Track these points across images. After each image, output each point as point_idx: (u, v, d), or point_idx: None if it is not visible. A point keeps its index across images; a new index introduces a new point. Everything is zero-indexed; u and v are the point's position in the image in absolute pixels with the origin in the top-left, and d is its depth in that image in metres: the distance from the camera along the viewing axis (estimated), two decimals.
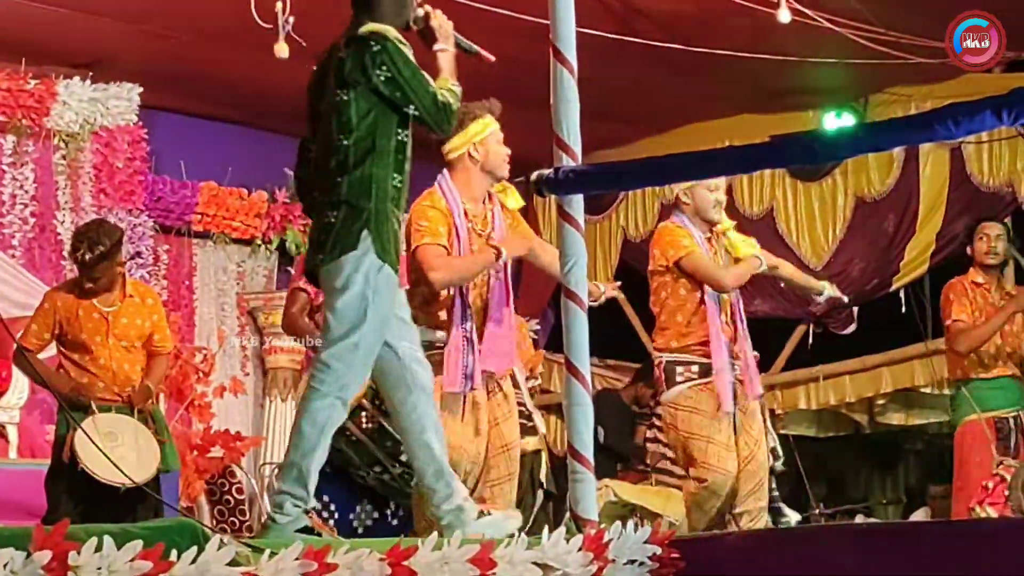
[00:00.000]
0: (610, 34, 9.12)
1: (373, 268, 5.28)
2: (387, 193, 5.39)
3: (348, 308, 5.28)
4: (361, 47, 5.53)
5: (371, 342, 5.31)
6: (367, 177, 5.37)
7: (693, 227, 7.27)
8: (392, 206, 5.40)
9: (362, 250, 5.29)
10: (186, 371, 10.12)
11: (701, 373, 7.16)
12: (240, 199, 11.19)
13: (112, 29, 9.42)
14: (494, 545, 4.49)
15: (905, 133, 5.33)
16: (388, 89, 5.51)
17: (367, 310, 5.26)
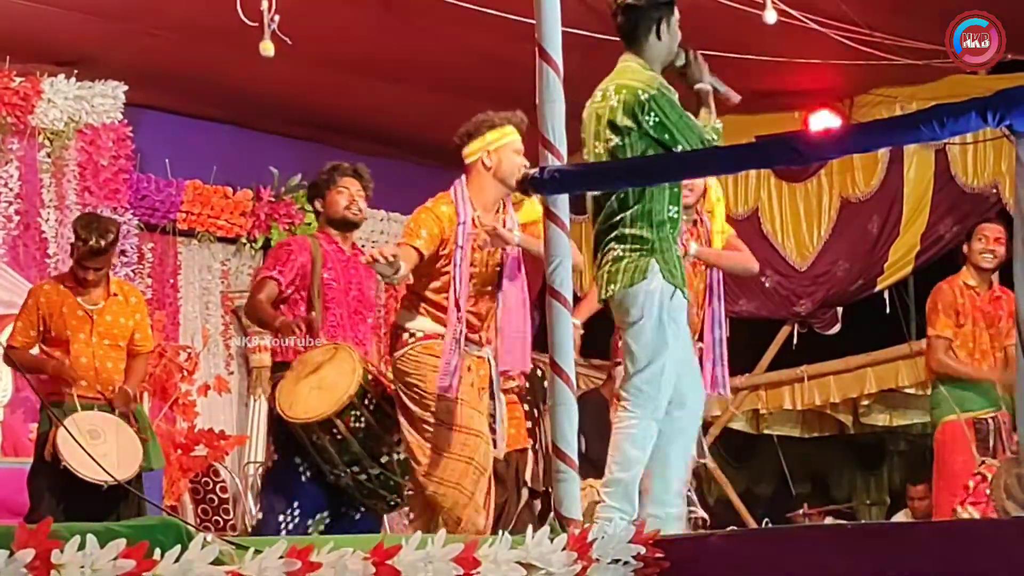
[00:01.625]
0: (596, 34, 9.11)
1: (666, 295, 5.58)
2: (665, 223, 5.66)
3: (651, 337, 5.57)
4: (631, 97, 5.71)
5: (672, 362, 5.61)
6: (647, 211, 5.64)
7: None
8: (671, 234, 5.69)
9: (652, 279, 5.57)
10: (170, 369, 10.11)
11: None
12: (225, 197, 11.17)
13: (97, 27, 9.40)
14: (477, 544, 4.49)
15: (890, 134, 5.34)
16: (658, 133, 5.69)
17: (667, 335, 5.57)
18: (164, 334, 10.46)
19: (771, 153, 5.81)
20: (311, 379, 6.75)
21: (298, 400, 6.71)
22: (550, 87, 5.48)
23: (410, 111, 10.97)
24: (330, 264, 7.14)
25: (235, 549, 3.98)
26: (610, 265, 5.72)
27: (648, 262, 5.61)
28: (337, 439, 6.64)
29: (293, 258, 7.07)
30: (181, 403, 10.17)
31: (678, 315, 5.62)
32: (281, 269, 7.05)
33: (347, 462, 6.70)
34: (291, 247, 7.21)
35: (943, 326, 8.31)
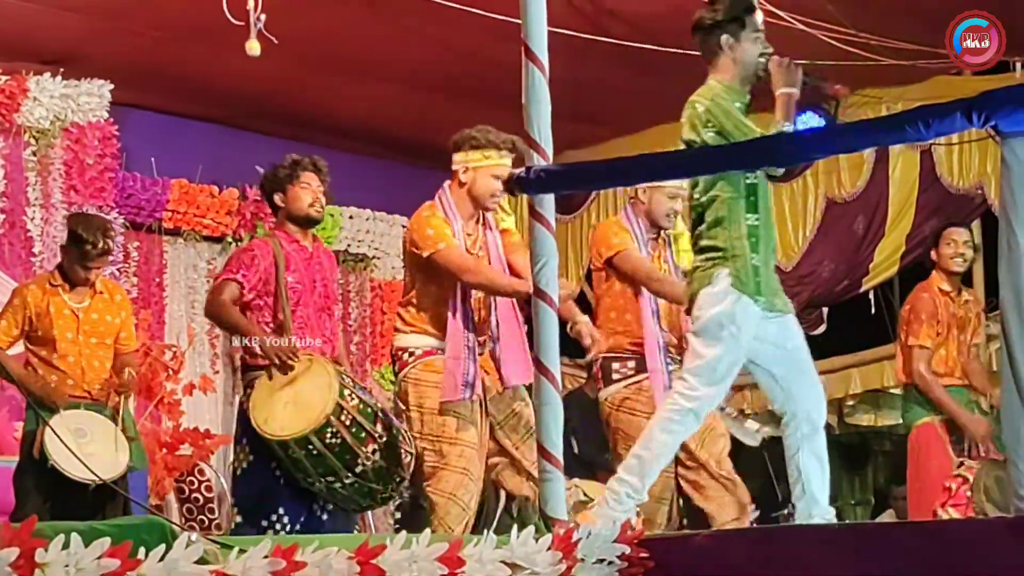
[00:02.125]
0: (581, 34, 9.12)
1: (731, 299, 5.66)
2: (741, 232, 5.77)
3: (707, 333, 5.67)
4: (691, 111, 5.88)
5: (728, 364, 5.70)
6: (719, 219, 5.77)
7: (636, 226, 7.28)
8: (749, 242, 5.77)
9: (719, 285, 5.67)
10: (156, 368, 10.09)
11: (637, 369, 7.15)
12: (211, 196, 11.16)
13: (83, 26, 9.39)
14: (462, 543, 4.50)
15: (876, 135, 5.36)
16: (716, 142, 5.84)
17: (724, 337, 5.65)
18: (149, 333, 10.45)
19: (756, 153, 5.81)
20: (286, 392, 6.72)
21: (273, 415, 6.68)
22: (536, 87, 5.49)
23: (396, 110, 10.97)
24: (293, 266, 7.03)
25: (220, 548, 3.98)
26: (692, 270, 5.91)
27: (716, 269, 5.71)
28: (312, 454, 6.62)
29: (256, 263, 6.95)
30: (166, 402, 10.16)
31: (742, 319, 5.68)
32: (245, 273, 6.93)
33: (321, 473, 6.69)
34: (254, 252, 7.05)
35: (925, 336, 8.30)
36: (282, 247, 7.03)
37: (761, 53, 5.95)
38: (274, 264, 6.95)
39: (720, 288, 5.66)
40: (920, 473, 8.35)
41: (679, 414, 5.67)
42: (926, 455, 8.27)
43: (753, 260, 5.74)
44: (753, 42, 5.94)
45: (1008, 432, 4.49)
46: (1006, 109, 4.42)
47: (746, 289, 5.68)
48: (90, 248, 7.51)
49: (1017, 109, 4.38)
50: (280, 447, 6.66)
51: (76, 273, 7.62)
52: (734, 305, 5.65)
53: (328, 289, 7.21)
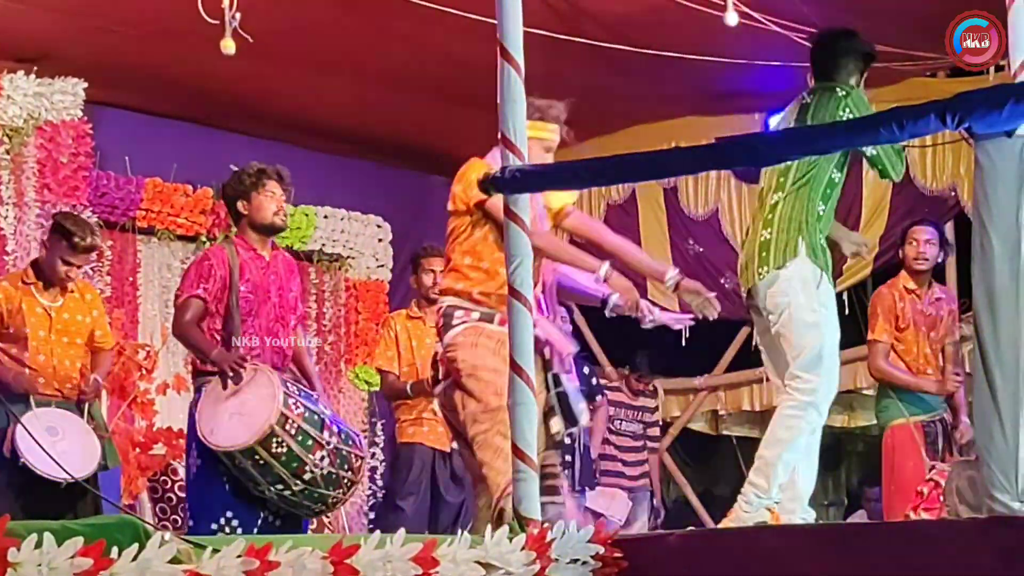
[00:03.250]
0: (557, 34, 9.13)
1: (814, 279, 5.77)
2: (814, 216, 5.88)
3: (803, 321, 5.76)
4: (826, 94, 6.06)
5: (830, 348, 5.78)
6: (802, 202, 5.91)
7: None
8: (818, 226, 5.89)
9: (800, 263, 5.79)
10: (129, 368, 10.07)
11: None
12: (185, 195, 11.12)
13: (57, 23, 9.36)
14: (436, 543, 4.50)
15: (850, 136, 5.37)
16: None
17: (820, 318, 5.75)
18: (123, 332, 10.42)
19: (731, 154, 5.82)
20: (231, 403, 6.73)
21: (219, 426, 6.69)
22: (511, 87, 5.49)
23: (372, 110, 10.96)
24: (247, 275, 7.04)
25: (193, 548, 3.97)
26: (758, 249, 5.98)
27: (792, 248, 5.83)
28: (259, 464, 6.63)
29: (214, 272, 6.94)
30: (140, 401, 10.13)
31: (826, 298, 5.77)
32: (205, 287, 6.94)
33: (271, 482, 6.70)
34: (210, 261, 7.06)
35: (881, 331, 8.44)
36: (238, 254, 7.03)
37: None
38: (228, 272, 6.95)
39: (799, 269, 5.74)
40: (894, 475, 8.39)
41: (799, 410, 5.75)
42: (901, 456, 8.32)
43: (822, 242, 5.86)
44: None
45: (981, 433, 4.50)
46: (980, 111, 4.44)
47: (822, 264, 5.78)
48: (78, 240, 7.54)
49: (991, 111, 4.40)
50: (227, 457, 6.67)
51: (56, 269, 7.61)
52: (816, 284, 5.73)
53: (284, 299, 7.17)
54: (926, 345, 8.46)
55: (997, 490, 4.41)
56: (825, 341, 5.74)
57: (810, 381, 5.72)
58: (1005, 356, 4.42)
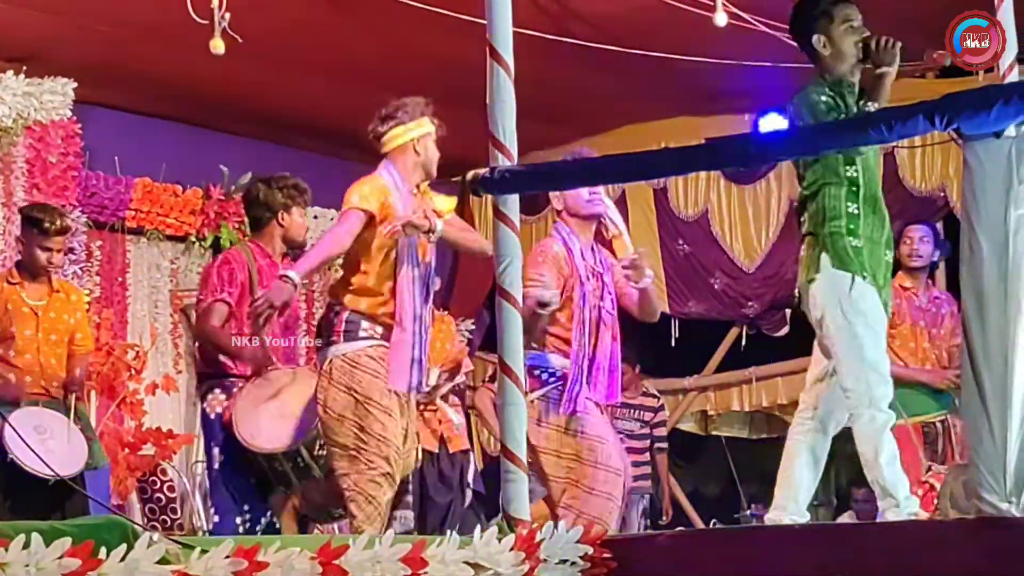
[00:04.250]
0: (547, 35, 9.13)
1: (844, 288, 5.65)
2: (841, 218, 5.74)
3: (839, 332, 5.65)
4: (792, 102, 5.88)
5: (873, 353, 5.66)
6: (821, 208, 5.76)
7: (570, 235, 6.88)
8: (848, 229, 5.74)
9: (826, 274, 5.68)
10: (118, 368, 10.06)
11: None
12: (174, 195, 11.11)
13: (47, 23, 9.35)
14: (425, 544, 4.50)
15: (839, 137, 5.37)
16: None
17: (855, 328, 5.62)
18: (112, 332, 10.41)
19: (721, 155, 5.83)
20: (271, 405, 6.74)
21: (260, 429, 6.70)
22: (501, 87, 5.49)
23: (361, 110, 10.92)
24: (264, 280, 7.07)
25: (181, 549, 3.97)
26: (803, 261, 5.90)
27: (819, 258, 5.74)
28: (299, 466, 6.66)
29: (235, 277, 7.01)
30: (129, 402, 10.12)
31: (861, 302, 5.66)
32: (229, 291, 6.99)
33: (302, 483, 6.72)
34: (231, 265, 7.12)
35: None
36: (256, 260, 7.08)
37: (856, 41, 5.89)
38: (249, 277, 7.01)
39: (829, 278, 5.68)
40: None
41: (863, 419, 5.72)
42: None
43: (852, 242, 5.71)
44: (845, 30, 5.90)
45: (970, 434, 4.51)
46: (968, 112, 4.44)
47: (851, 267, 5.66)
48: (48, 224, 7.54)
49: (979, 112, 4.41)
50: (266, 460, 6.68)
51: (36, 260, 7.61)
52: (850, 293, 5.64)
53: (294, 307, 7.25)
54: (925, 340, 8.47)
55: (986, 491, 4.42)
56: (865, 350, 5.67)
57: (859, 391, 5.68)
58: (993, 356, 4.42)
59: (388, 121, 6.54)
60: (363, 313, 6.31)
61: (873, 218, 5.83)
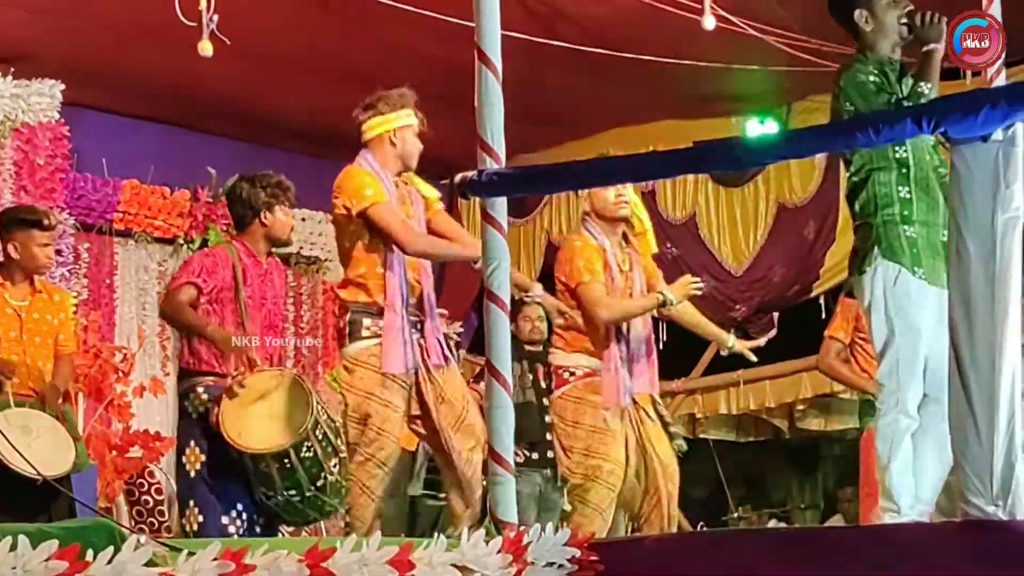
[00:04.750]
0: (535, 37, 9.13)
1: (889, 280, 5.57)
2: (894, 205, 5.64)
3: (879, 326, 5.59)
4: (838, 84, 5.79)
5: (908, 353, 5.56)
6: (872, 196, 5.67)
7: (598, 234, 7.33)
8: (901, 216, 5.63)
9: (875, 266, 5.59)
10: (106, 370, 10.04)
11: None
12: (162, 198, 11.11)
13: (35, 25, 9.34)
14: (413, 546, 4.49)
15: (827, 140, 5.38)
16: None
17: (893, 323, 5.56)
18: (100, 335, 10.40)
19: (709, 158, 5.82)
20: (260, 406, 6.73)
21: (248, 429, 6.69)
22: (489, 90, 5.48)
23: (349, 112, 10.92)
24: (248, 280, 7.09)
25: (169, 551, 3.96)
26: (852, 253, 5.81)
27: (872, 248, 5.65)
28: (285, 467, 6.65)
29: (217, 271, 6.99)
30: (116, 404, 10.11)
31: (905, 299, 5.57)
32: (205, 278, 6.97)
33: (286, 487, 6.71)
34: (215, 260, 7.10)
35: (837, 328, 8.46)
36: (240, 259, 7.07)
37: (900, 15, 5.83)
38: (233, 275, 7.00)
39: (877, 270, 5.60)
40: (869, 476, 8.39)
41: (886, 420, 5.63)
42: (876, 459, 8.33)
43: (907, 232, 5.62)
44: (887, 7, 5.84)
45: (955, 436, 4.52)
46: (955, 116, 4.45)
47: (901, 260, 5.59)
48: (47, 222, 7.59)
49: (966, 116, 4.41)
50: (251, 460, 6.67)
51: (36, 258, 7.61)
52: (895, 286, 5.57)
53: (277, 307, 7.27)
54: None
55: (972, 493, 4.42)
56: (900, 344, 5.61)
57: (890, 388, 5.63)
58: (980, 360, 4.43)
59: (368, 111, 6.76)
60: (363, 306, 6.62)
61: (927, 199, 5.71)
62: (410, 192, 6.72)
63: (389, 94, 6.72)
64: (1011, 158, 4.46)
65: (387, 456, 6.65)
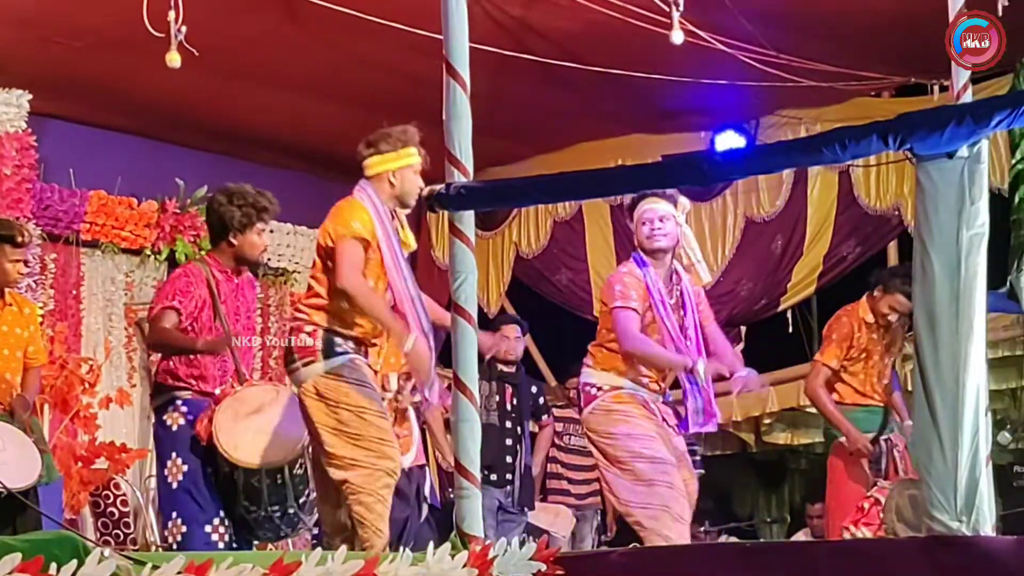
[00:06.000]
0: (504, 51, 9.14)
1: None
2: None
3: None
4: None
5: None
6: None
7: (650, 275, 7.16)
8: None
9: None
10: (72, 382, 10.01)
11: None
12: (130, 208, 11.08)
13: (2, 34, 9.31)
14: (378, 560, 4.48)
15: (794, 155, 5.40)
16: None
17: None
18: (66, 346, 10.36)
19: (677, 172, 5.83)
20: (253, 420, 6.75)
21: (242, 443, 6.70)
22: (457, 103, 5.48)
23: (317, 124, 10.95)
24: (223, 295, 7.14)
25: (133, 564, 3.95)
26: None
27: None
28: (276, 483, 6.66)
29: (192, 291, 7.03)
30: (82, 415, 10.07)
31: None
32: (181, 300, 7.00)
33: (272, 503, 6.72)
34: (189, 279, 7.12)
35: (831, 356, 8.42)
36: (213, 275, 7.09)
37: None
38: (209, 291, 7.02)
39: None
40: (836, 490, 8.43)
41: None
42: (844, 472, 8.36)
43: None
44: None
45: (920, 452, 4.53)
46: (921, 132, 4.47)
47: None
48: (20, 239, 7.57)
49: (932, 132, 4.43)
50: (244, 474, 6.68)
51: (8, 274, 7.57)
52: None
53: (250, 320, 7.32)
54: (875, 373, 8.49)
55: (936, 509, 4.44)
56: None
57: None
58: (945, 376, 4.45)
59: (368, 148, 6.65)
60: (338, 331, 6.49)
61: None
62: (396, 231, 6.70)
63: (391, 132, 6.61)
64: (976, 175, 4.49)
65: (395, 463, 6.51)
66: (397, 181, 6.59)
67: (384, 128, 6.67)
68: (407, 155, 6.59)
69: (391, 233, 6.51)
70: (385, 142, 6.61)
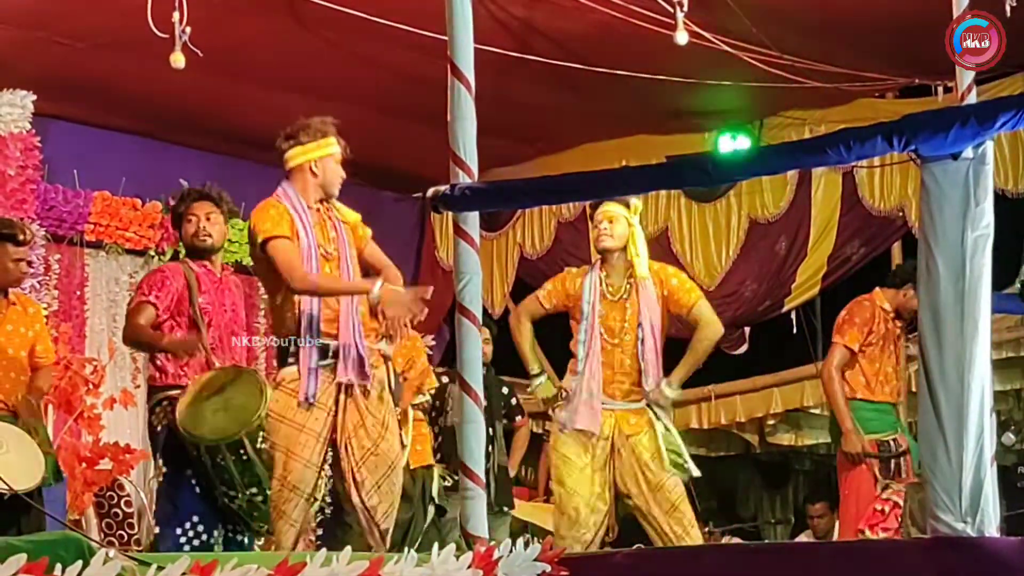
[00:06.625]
0: (508, 52, 9.14)
1: None
2: None
3: None
4: None
5: None
6: None
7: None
8: None
9: None
10: (75, 382, 10.00)
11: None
12: (134, 209, 11.09)
13: (6, 36, 9.31)
14: (383, 561, 4.48)
15: (798, 156, 5.39)
16: None
17: None
18: (70, 346, 10.36)
19: (681, 173, 5.83)
20: (214, 401, 6.75)
21: (203, 420, 6.70)
22: (462, 104, 5.48)
23: None
24: (204, 287, 7.24)
25: (137, 565, 3.94)
26: None
27: None
28: (243, 459, 6.64)
29: (168, 284, 7.14)
30: (86, 416, 10.07)
31: None
32: (157, 295, 7.11)
33: (247, 483, 6.70)
34: (165, 274, 7.28)
35: (853, 339, 8.41)
36: (192, 270, 7.16)
37: None
38: (186, 286, 7.09)
39: None
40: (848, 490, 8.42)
41: None
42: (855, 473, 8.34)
43: None
44: None
45: (925, 453, 4.53)
46: (926, 133, 4.46)
47: None
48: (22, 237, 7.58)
49: (936, 134, 4.43)
50: (209, 454, 6.66)
51: (9, 272, 7.59)
52: None
53: (237, 314, 7.35)
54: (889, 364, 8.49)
55: (941, 510, 4.43)
56: None
57: None
58: (949, 377, 4.44)
59: (288, 140, 6.74)
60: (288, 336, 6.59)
61: None
62: (332, 219, 6.73)
63: (310, 123, 6.73)
64: (981, 176, 4.48)
65: (298, 480, 6.48)
66: (319, 170, 6.69)
67: (302, 120, 6.76)
68: (327, 144, 6.73)
69: (308, 226, 6.59)
70: (305, 133, 6.74)
